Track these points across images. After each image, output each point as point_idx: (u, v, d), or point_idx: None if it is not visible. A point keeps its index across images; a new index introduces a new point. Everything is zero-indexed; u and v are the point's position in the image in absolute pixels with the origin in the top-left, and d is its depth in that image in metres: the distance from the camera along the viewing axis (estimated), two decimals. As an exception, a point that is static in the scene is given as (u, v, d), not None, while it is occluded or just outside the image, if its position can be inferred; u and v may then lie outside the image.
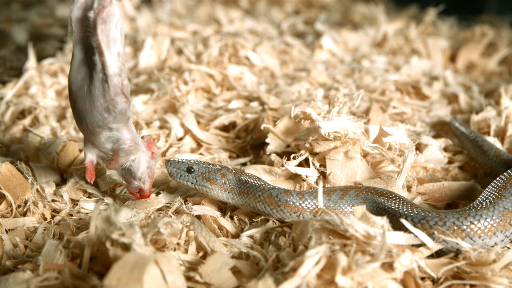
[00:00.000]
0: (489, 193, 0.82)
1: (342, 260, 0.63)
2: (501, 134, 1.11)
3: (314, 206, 0.81)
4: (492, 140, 1.08)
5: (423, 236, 0.73)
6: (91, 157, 0.85)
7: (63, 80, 1.42)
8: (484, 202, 0.79)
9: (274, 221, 0.84)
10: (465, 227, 0.74)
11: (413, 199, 0.91)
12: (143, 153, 0.86)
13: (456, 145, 1.13)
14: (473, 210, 0.76)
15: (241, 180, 0.86)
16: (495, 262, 0.71)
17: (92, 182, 0.86)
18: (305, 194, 0.82)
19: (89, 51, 0.77)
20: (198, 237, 0.77)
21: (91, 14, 0.74)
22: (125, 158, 0.84)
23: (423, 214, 0.76)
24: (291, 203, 0.81)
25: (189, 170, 0.86)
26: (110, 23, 0.74)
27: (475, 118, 1.17)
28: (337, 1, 2.38)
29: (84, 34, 0.77)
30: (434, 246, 0.73)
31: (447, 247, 0.75)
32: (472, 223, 0.74)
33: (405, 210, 0.78)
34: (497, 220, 0.74)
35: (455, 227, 0.74)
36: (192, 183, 0.87)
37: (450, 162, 1.07)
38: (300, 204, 0.81)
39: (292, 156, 0.96)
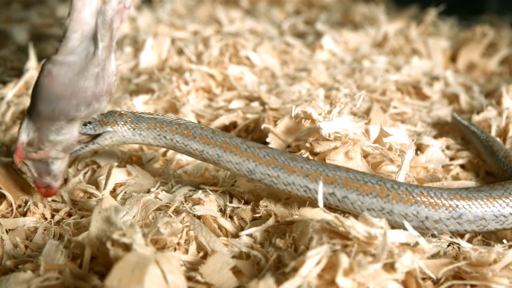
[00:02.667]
0: None
1: (344, 261, 0.63)
2: (502, 134, 1.11)
3: (224, 141, 0.86)
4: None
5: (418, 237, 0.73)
6: (24, 139, 0.80)
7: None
8: None
9: (275, 219, 0.84)
10: (415, 194, 0.78)
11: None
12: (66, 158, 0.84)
13: (458, 143, 1.13)
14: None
15: (144, 116, 0.89)
16: (495, 262, 0.71)
17: (20, 166, 0.82)
18: (216, 130, 0.88)
19: (89, 43, 0.76)
20: (198, 237, 0.77)
21: (109, 10, 0.73)
22: (57, 154, 0.81)
23: (381, 177, 0.81)
24: (205, 135, 0.87)
25: (85, 124, 0.87)
26: (122, 25, 0.75)
27: (476, 118, 1.17)
28: (338, 1, 2.38)
29: (89, 26, 0.75)
30: (428, 248, 0.73)
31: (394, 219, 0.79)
32: (422, 193, 0.78)
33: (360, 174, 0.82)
34: (445, 196, 0.79)
35: (407, 193, 0.78)
36: (90, 132, 0.87)
37: (452, 159, 1.07)
38: (212, 137, 0.86)
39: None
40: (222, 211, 0.89)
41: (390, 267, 0.66)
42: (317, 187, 0.80)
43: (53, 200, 0.93)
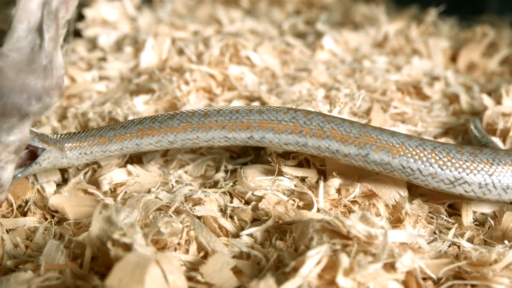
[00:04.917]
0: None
1: (344, 261, 0.63)
2: (503, 135, 1.11)
3: (137, 129, 0.91)
4: (496, 140, 1.08)
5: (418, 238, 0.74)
6: None
7: (64, 81, 1.42)
8: None
9: (274, 220, 0.84)
10: (326, 129, 0.85)
11: (413, 200, 0.91)
12: (15, 161, 0.79)
13: (458, 141, 1.13)
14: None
15: (65, 137, 0.91)
16: (496, 262, 0.71)
17: None
18: (125, 123, 0.93)
19: (35, 34, 0.74)
20: (198, 237, 0.77)
21: (54, 0, 0.72)
22: (8, 156, 0.77)
23: (294, 112, 0.87)
24: (118, 134, 0.91)
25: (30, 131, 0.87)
26: (68, 15, 0.74)
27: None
28: (338, 1, 2.38)
29: (35, 17, 0.73)
30: (429, 248, 0.73)
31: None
32: (332, 128, 0.85)
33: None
34: (354, 133, 0.84)
35: (319, 128, 0.85)
36: (30, 141, 0.86)
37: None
38: (125, 132, 0.91)
39: (292, 155, 0.96)
40: (223, 211, 0.89)
41: (390, 266, 0.66)
42: (235, 135, 0.87)
43: (53, 200, 0.93)
